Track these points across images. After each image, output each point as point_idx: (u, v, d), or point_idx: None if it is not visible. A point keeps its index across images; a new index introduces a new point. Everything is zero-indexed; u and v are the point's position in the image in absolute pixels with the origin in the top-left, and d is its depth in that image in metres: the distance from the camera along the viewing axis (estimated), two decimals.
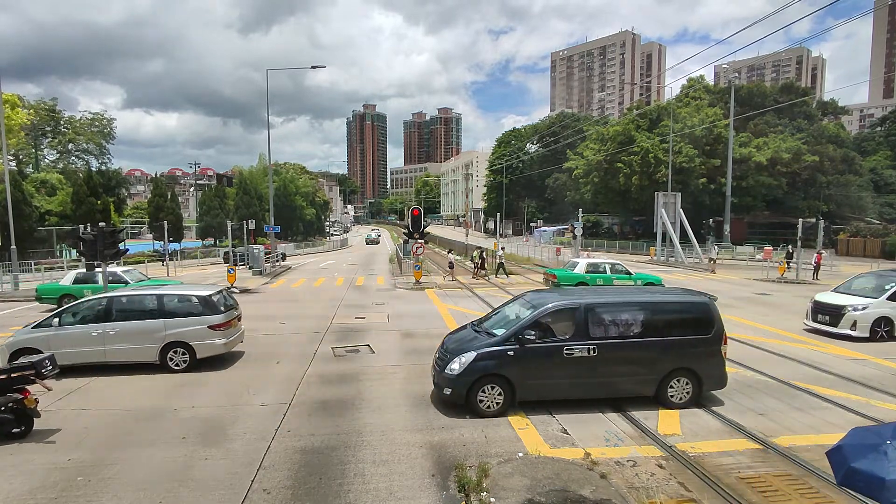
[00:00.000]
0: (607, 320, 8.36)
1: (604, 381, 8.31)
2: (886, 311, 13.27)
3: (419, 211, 27.40)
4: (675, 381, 8.42)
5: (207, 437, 7.43)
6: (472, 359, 8.07)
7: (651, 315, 8.49)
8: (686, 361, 8.42)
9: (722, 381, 8.75)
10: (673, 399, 8.43)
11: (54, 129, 58.15)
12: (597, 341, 8.18)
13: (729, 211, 45.09)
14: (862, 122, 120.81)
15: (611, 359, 8.24)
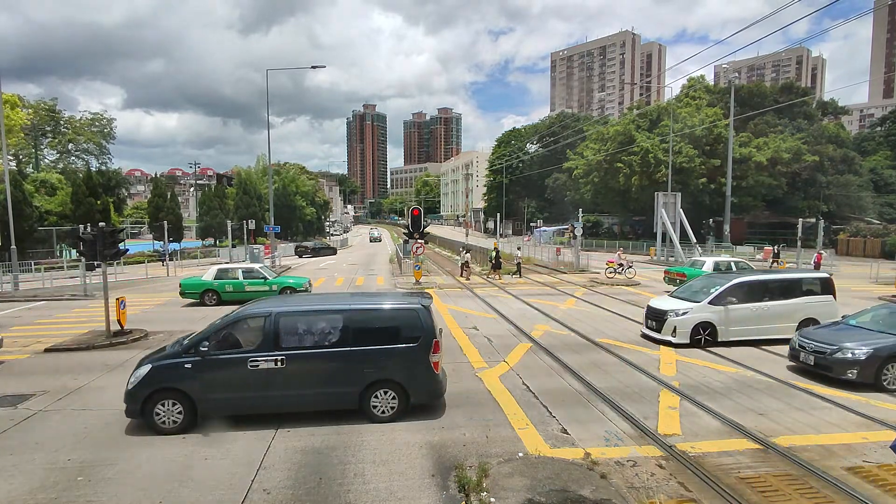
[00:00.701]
0: (301, 329, 7.89)
1: (296, 393, 7.71)
2: (707, 315, 12.65)
3: (419, 211, 27.39)
4: (380, 393, 7.84)
5: (207, 437, 7.44)
6: (146, 372, 7.54)
7: (350, 323, 7.94)
8: (389, 373, 7.83)
9: (433, 394, 8.18)
10: (377, 412, 7.83)
11: (54, 129, 58.14)
12: (286, 352, 7.65)
13: (729, 211, 45.07)
14: (862, 122, 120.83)
15: (302, 371, 7.70)
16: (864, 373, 9.35)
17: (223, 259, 38.98)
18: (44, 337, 14.12)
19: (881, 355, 9.38)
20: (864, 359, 9.37)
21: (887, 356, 9.41)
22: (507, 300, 20.17)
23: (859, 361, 9.37)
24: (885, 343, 9.56)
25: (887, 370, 9.41)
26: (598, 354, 12.08)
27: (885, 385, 9.37)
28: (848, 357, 9.48)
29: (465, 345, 12.94)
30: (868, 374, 9.35)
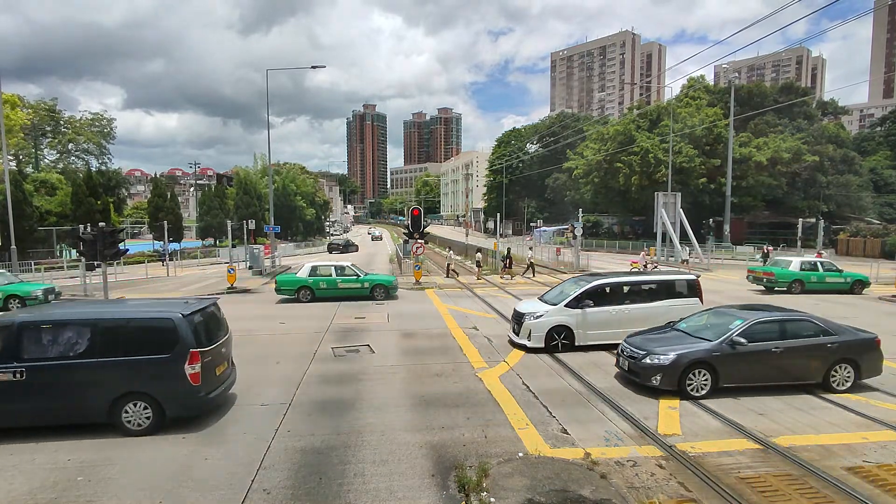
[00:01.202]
0: (47, 339, 7.54)
1: (37, 406, 7.40)
2: (564, 319, 12.09)
3: (419, 211, 27.40)
4: (131, 406, 7.53)
5: (207, 437, 7.44)
6: None
7: (100, 333, 7.61)
8: (140, 384, 7.53)
9: (190, 407, 7.80)
10: (130, 425, 7.56)
11: (54, 128, 58.13)
12: (28, 364, 7.34)
13: (729, 211, 45.09)
14: (862, 122, 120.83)
15: (46, 383, 7.38)
16: (667, 379, 8.88)
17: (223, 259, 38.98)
18: None
19: (684, 361, 8.89)
20: (668, 364, 8.89)
21: (691, 362, 8.91)
22: (508, 300, 20.17)
23: (663, 367, 8.91)
24: (691, 349, 9.10)
25: (692, 376, 8.89)
26: (597, 354, 12.07)
27: (689, 392, 8.86)
28: (654, 363, 9.02)
29: (464, 345, 12.94)
30: (671, 381, 8.87)
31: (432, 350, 12.54)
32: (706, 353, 8.99)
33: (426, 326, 15.26)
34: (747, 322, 9.29)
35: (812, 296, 21.23)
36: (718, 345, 9.06)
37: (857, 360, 9.32)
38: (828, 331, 9.43)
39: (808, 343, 9.27)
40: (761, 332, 9.25)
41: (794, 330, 9.42)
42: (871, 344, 9.54)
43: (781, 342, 9.18)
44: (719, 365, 8.95)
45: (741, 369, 9.07)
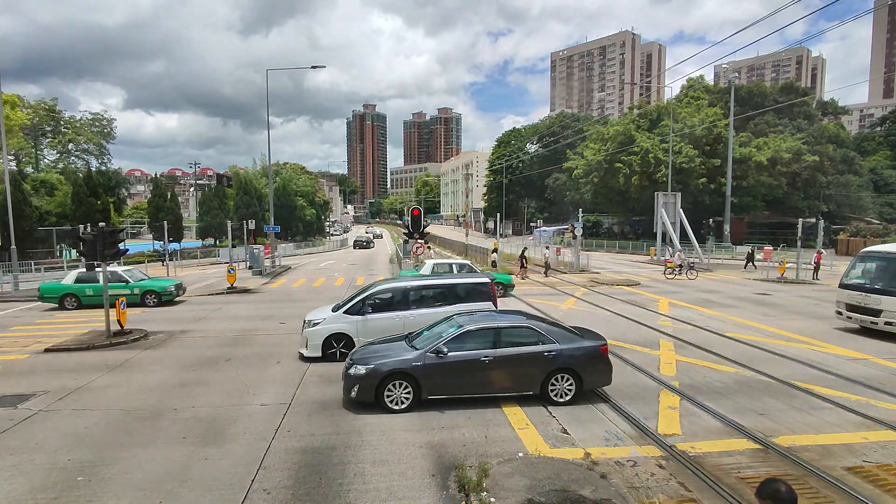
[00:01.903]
0: None
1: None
2: (342, 326, 11.52)
3: (419, 211, 27.33)
4: None
5: (207, 437, 7.44)
6: None
7: None
8: None
9: None
10: None
11: (54, 129, 58.16)
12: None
13: (729, 211, 45.09)
14: (862, 122, 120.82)
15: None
16: (364, 391, 8.34)
17: (223, 259, 38.98)
18: (44, 337, 14.13)
19: (382, 372, 8.33)
20: (363, 375, 8.37)
21: (389, 373, 8.34)
22: (508, 300, 20.16)
23: (359, 378, 8.40)
24: (392, 359, 8.56)
25: (392, 388, 8.32)
26: None
27: (389, 405, 8.30)
28: (354, 373, 8.50)
29: None
30: (367, 393, 8.32)
31: None
32: (407, 363, 8.43)
33: None
34: (458, 330, 8.77)
35: (815, 294, 21.21)
36: (422, 354, 8.51)
37: (578, 369, 8.69)
38: (549, 339, 8.83)
39: (522, 352, 8.68)
40: (472, 341, 8.70)
41: (510, 338, 8.80)
42: (595, 353, 8.88)
43: (493, 351, 8.60)
44: (421, 376, 8.38)
45: (446, 380, 8.49)
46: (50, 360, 11.92)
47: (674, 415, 8.24)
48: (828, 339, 13.55)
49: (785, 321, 15.96)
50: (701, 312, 17.53)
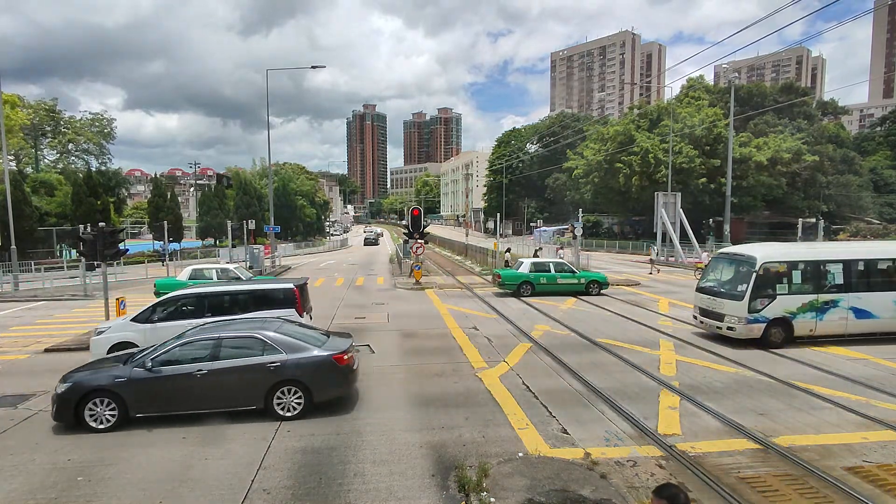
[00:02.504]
0: None
1: None
2: (128, 335, 10.81)
3: (419, 211, 27.38)
4: None
5: (207, 438, 7.44)
6: None
7: None
8: None
9: None
10: None
11: (54, 129, 58.15)
12: None
13: (729, 211, 44.98)
14: (862, 122, 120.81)
15: None
16: (62, 410, 7.65)
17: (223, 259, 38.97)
18: (44, 337, 14.13)
19: (81, 389, 7.67)
20: (62, 392, 7.68)
21: (89, 390, 7.66)
22: (508, 300, 20.17)
23: (59, 396, 7.68)
24: (96, 376, 7.89)
25: (93, 406, 7.64)
26: (598, 354, 12.08)
27: (91, 424, 7.64)
28: (56, 391, 7.75)
29: (464, 345, 12.94)
30: (66, 411, 7.63)
31: (432, 350, 12.55)
32: (110, 379, 7.77)
33: (426, 326, 15.27)
34: (176, 342, 8.26)
35: None
36: (129, 369, 7.88)
37: (307, 381, 8.08)
38: (275, 349, 8.19)
39: (241, 364, 8.04)
40: (191, 353, 8.10)
41: (231, 349, 8.17)
42: (326, 363, 8.22)
43: (209, 364, 7.96)
44: (127, 393, 7.73)
45: (157, 396, 7.87)
46: (50, 360, 11.92)
47: (674, 415, 8.24)
48: (828, 339, 13.53)
49: None
50: None
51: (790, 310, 12.52)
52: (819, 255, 13.01)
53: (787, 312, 12.51)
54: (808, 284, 12.69)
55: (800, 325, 12.57)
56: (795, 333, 12.57)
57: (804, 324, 12.59)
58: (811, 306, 12.59)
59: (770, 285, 12.50)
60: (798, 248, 14.16)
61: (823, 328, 12.71)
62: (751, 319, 12.36)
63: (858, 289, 12.78)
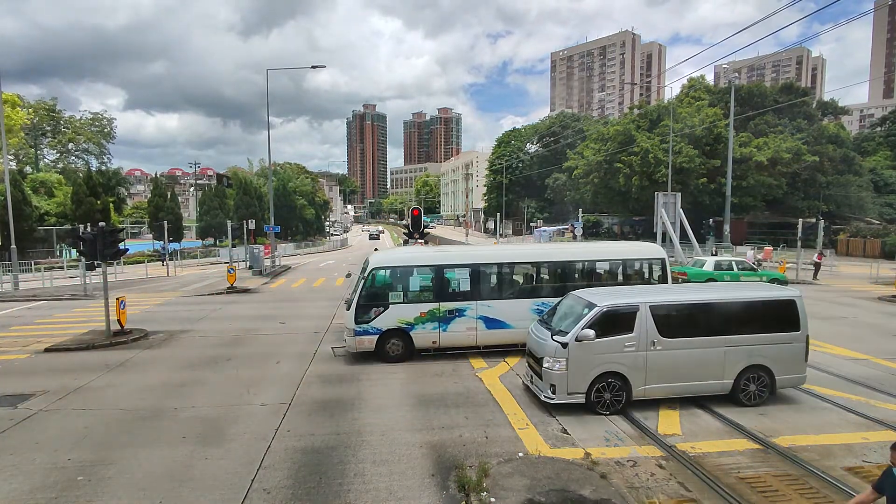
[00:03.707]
0: None
1: None
2: None
3: (419, 211, 27.24)
4: None
5: (207, 437, 7.44)
6: None
7: None
8: None
9: None
10: None
11: (54, 128, 58.17)
12: None
13: (729, 211, 45.00)
14: (862, 123, 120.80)
15: None
16: None
17: (223, 259, 38.95)
18: (44, 337, 14.12)
19: None
20: None
21: None
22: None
23: None
24: None
25: None
26: None
27: None
28: None
29: None
30: None
31: None
32: None
33: None
34: None
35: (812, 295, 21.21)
36: None
37: None
38: None
39: None
40: None
41: None
42: None
43: None
44: None
45: None
46: (50, 360, 11.91)
47: (674, 415, 8.23)
48: (827, 339, 13.53)
49: None
50: None
51: (406, 320, 11.34)
52: (443, 259, 11.77)
53: (404, 323, 11.33)
54: (428, 292, 11.56)
55: (420, 336, 11.39)
56: (417, 346, 11.43)
57: (425, 335, 11.41)
58: (432, 316, 11.42)
59: (382, 293, 11.38)
60: (422, 252, 12.97)
61: (449, 340, 11.54)
62: (359, 331, 11.18)
63: (490, 296, 11.69)
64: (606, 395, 8.20)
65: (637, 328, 8.22)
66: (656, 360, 8.28)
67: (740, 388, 8.51)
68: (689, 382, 8.45)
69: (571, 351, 8.05)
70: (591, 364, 8.13)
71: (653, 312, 8.30)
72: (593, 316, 8.15)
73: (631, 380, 8.22)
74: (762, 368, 8.53)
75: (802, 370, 8.77)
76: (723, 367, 8.46)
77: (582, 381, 8.14)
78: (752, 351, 8.51)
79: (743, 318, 8.60)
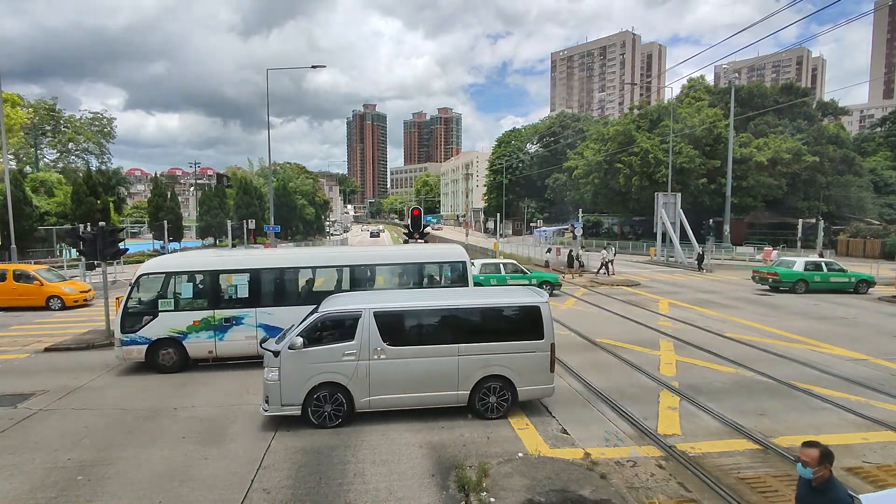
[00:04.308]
0: None
1: None
2: None
3: (419, 211, 27.26)
4: None
5: (207, 437, 7.44)
6: None
7: None
8: None
9: None
10: None
11: (54, 128, 58.13)
12: None
13: (729, 211, 45.04)
14: (862, 123, 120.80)
15: None
16: None
17: None
18: (44, 336, 14.12)
19: None
20: None
21: None
22: None
23: None
24: None
25: None
26: (597, 354, 12.08)
27: None
28: None
29: None
30: None
31: None
32: None
33: None
34: None
35: (814, 295, 21.23)
36: None
37: None
38: None
39: None
40: None
41: None
42: None
43: None
44: None
45: None
46: (50, 360, 11.91)
47: (673, 415, 8.24)
48: (827, 339, 13.55)
49: (784, 321, 15.95)
50: (700, 313, 17.53)
51: (178, 329, 10.64)
52: (219, 264, 11.11)
53: (176, 332, 10.63)
54: (202, 299, 10.91)
55: (194, 346, 10.70)
56: (191, 356, 10.76)
57: (199, 345, 10.72)
58: (207, 324, 10.73)
59: (151, 300, 10.75)
60: (197, 257, 12.26)
61: (227, 349, 10.86)
62: (126, 341, 10.47)
63: (272, 303, 10.93)
64: (327, 406, 7.64)
65: (358, 336, 7.67)
66: (381, 370, 7.70)
67: (478, 399, 7.95)
68: (421, 394, 7.86)
69: (284, 360, 7.49)
70: (307, 374, 7.55)
71: (377, 319, 7.73)
72: (309, 322, 7.71)
73: (352, 391, 7.64)
74: (502, 379, 7.95)
75: (548, 381, 8.15)
76: (457, 378, 7.86)
77: (297, 392, 7.55)
78: (490, 360, 7.92)
79: (479, 326, 8.05)
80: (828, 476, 3.55)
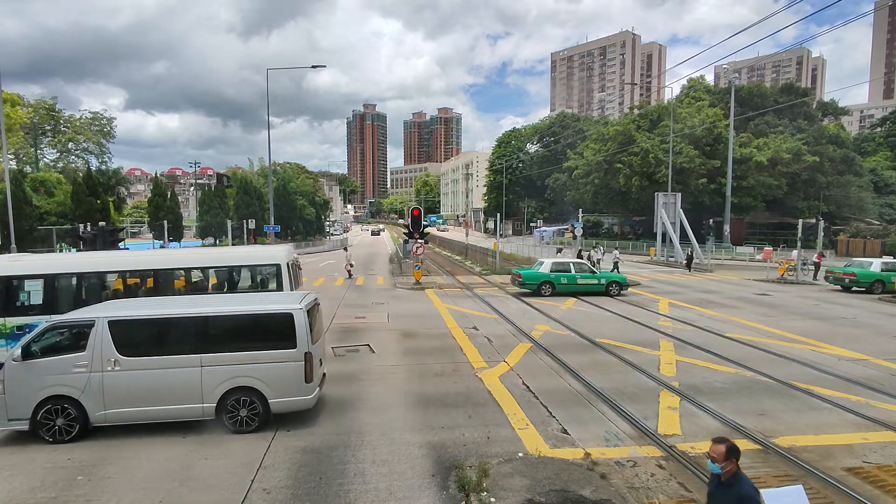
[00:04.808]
0: None
1: None
2: None
3: (419, 211, 27.41)
4: None
5: (207, 437, 7.43)
6: None
7: None
8: None
9: None
10: None
11: (54, 128, 58.08)
12: None
13: (729, 211, 45.06)
14: (862, 123, 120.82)
15: None
16: None
17: None
18: None
19: None
20: None
21: None
22: (507, 300, 20.17)
23: None
24: None
25: None
26: (597, 354, 12.08)
27: None
28: None
29: (464, 345, 12.93)
30: None
31: (432, 350, 12.55)
32: None
33: (426, 326, 15.26)
34: None
35: (818, 295, 21.23)
36: None
37: None
38: None
39: None
40: None
41: None
42: None
43: None
44: None
45: None
46: None
47: (674, 415, 8.24)
48: (828, 339, 13.55)
49: (785, 322, 15.95)
50: (701, 313, 17.54)
51: None
52: (13, 269, 10.42)
53: None
54: None
55: None
56: None
57: None
58: None
59: None
60: None
61: None
62: None
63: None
64: (58, 420, 7.21)
65: (90, 346, 7.25)
66: (117, 383, 7.25)
67: (227, 412, 7.47)
68: (162, 406, 7.40)
69: (8, 371, 7.10)
70: (35, 386, 7.11)
71: (112, 328, 7.31)
72: (36, 332, 7.38)
73: (85, 404, 7.20)
74: (252, 391, 7.51)
75: (305, 392, 7.69)
76: (200, 390, 7.40)
77: (25, 406, 7.11)
78: (237, 371, 7.47)
79: (226, 335, 7.63)
80: (734, 470, 3.73)
